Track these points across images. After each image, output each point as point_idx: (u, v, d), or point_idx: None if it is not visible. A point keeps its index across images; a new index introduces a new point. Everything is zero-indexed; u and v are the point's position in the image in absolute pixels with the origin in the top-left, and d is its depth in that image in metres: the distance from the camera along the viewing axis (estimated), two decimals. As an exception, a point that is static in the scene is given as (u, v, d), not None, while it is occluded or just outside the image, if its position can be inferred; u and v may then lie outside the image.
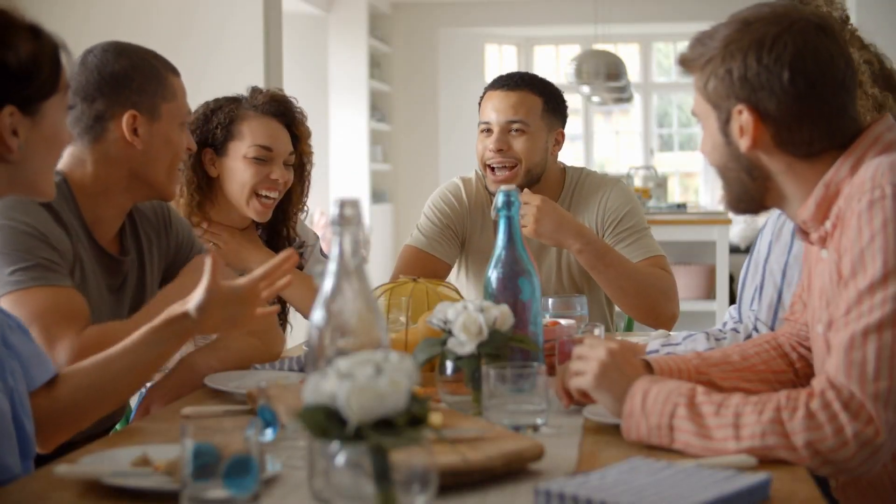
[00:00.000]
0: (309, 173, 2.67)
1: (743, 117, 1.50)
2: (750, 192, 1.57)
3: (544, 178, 2.70)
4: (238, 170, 2.49)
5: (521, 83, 2.68)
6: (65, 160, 1.93)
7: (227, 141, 2.50)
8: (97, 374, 1.61)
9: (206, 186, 2.52)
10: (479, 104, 2.74)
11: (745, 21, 1.51)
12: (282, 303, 2.65)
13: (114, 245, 2.00)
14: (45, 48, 1.44)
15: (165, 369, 2.40)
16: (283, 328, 2.68)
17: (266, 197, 2.51)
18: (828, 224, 1.50)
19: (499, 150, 2.64)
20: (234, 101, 2.54)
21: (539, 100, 2.68)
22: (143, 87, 1.92)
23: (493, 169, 2.67)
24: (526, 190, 2.54)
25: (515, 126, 2.65)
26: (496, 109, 2.66)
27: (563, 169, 2.80)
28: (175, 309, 1.64)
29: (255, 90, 2.57)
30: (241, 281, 1.70)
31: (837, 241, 1.46)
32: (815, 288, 1.59)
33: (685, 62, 1.57)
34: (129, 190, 1.97)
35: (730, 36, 1.51)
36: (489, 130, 2.67)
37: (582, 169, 2.83)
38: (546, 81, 2.74)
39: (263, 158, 2.49)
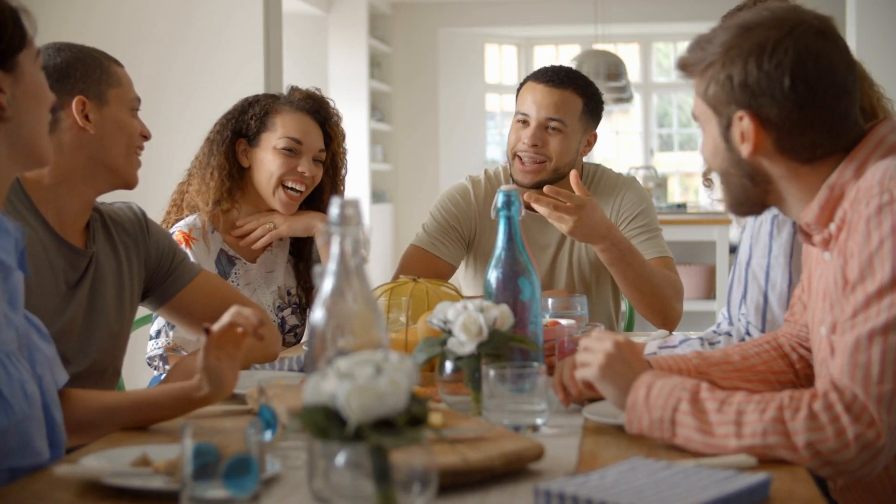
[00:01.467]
0: (343, 178, 2.70)
1: (744, 123, 1.50)
2: (751, 196, 1.57)
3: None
4: (267, 160, 2.55)
5: (567, 81, 2.68)
6: None
7: (261, 132, 2.56)
8: (101, 415, 1.66)
9: (238, 175, 2.58)
10: (519, 90, 2.73)
11: (746, 26, 1.49)
12: (301, 307, 2.65)
13: (79, 240, 1.99)
14: (2, 4, 1.48)
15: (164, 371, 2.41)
16: (303, 326, 2.68)
17: (293, 189, 2.56)
18: (832, 227, 1.49)
19: (533, 146, 2.64)
20: (271, 97, 2.62)
21: (580, 101, 2.68)
22: (87, 75, 1.97)
23: (522, 160, 2.67)
24: (575, 183, 2.47)
25: (553, 124, 2.65)
26: (537, 103, 2.65)
27: (581, 165, 2.81)
28: (192, 393, 1.65)
29: (294, 88, 2.65)
30: (205, 349, 1.66)
31: (843, 244, 1.46)
32: (817, 290, 1.59)
33: (685, 66, 1.57)
34: (91, 179, 1.97)
35: (730, 41, 1.49)
36: (526, 122, 2.67)
37: (598, 166, 2.85)
38: (589, 81, 2.74)
39: (292, 150, 2.54)
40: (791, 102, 1.47)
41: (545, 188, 2.44)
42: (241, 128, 2.57)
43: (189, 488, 1.11)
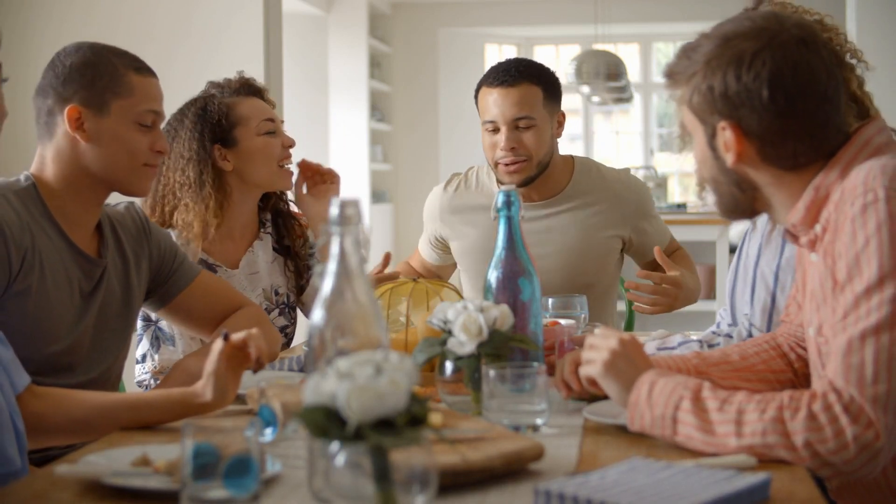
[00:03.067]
0: None
1: (726, 133, 1.51)
2: (740, 203, 1.59)
3: (551, 162, 2.71)
4: (258, 149, 2.49)
5: (520, 75, 2.65)
6: (33, 164, 1.93)
7: (232, 130, 2.48)
8: (96, 415, 1.65)
9: (220, 184, 2.48)
10: (477, 97, 2.72)
11: (725, 36, 1.50)
12: (290, 306, 2.64)
13: (91, 245, 1.97)
14: None
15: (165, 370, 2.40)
16: (294, 326, 2.67)
17: (286, 166, 2.55)
18: (818, 228, 1.51)
19: (511, 149, 2.63)
20: (209, 98, 2.52)
21: (539, 89, 2.66)
22: (93, 82, 1.89)
23: (504, 164, 2.66)
24: (661, 258, 2.49)
25: (522, 122, 2.63)
26: (499, 107, 2.64)
27: (572, 157, 2.82)
28: (193, 399, 1.65)
29: (219, 83, 2.56)
30: (219, 354, 1.67)
31: (829, 245, 1.47)
32: (808, 291, 1.60)
33: (671, 75, 1.58)
34: (93, 188, 1.93)
35: (711, 51, 1.50)
36: (495, 130, 2.66)
37: (587, 159, 2.86)
38: (540, 66, 2.71)
39: (273, 131, 2.52)
40: (771, 113, 1.47)
41: (638, 272, 2.50)
42: (213, 134, 2.47)
43: (189, 488, 1.11)
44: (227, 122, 2.48)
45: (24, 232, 1.82)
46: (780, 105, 1.47)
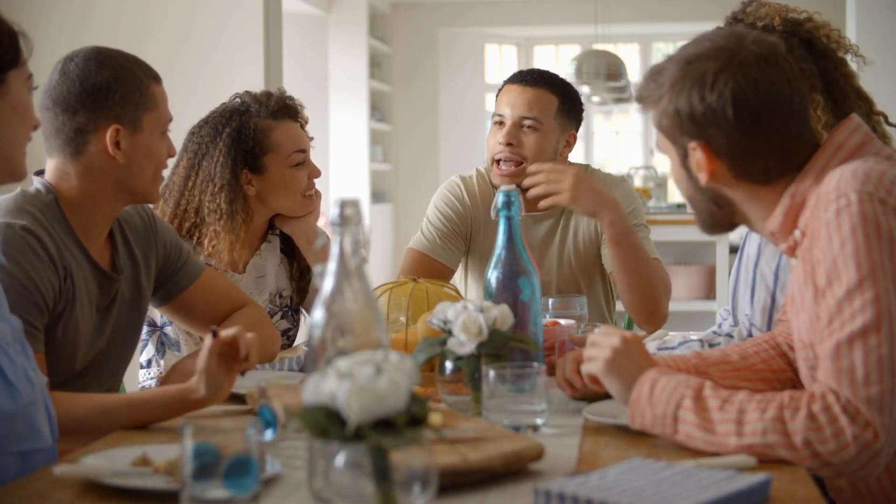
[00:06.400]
0: None
1: (697, 154, 1.53)
2: (718, 219, 1.62)
3: None
4: (286, 181, 2.45)
5: (540, 80, 2.66)
6: (50, 174, 1.89)
7: (261, 157, 2.43)
8: (96, 415, 1.66)
9: (246, 209, 2.43)
10: (496, 97, 2.72)
11: (687, 59, 1.53)
12: (293, 309, 2.64)
13: (105, 260, 1.95)
14: (2, 23, 1.50)
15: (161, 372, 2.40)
16: (297, 329, 2.66)
17: (310, 195, 2.51)
18: (796, 233, 1.53)
19: (508, 145, 2.61)
20: (243, 114, 2.44)
21: (556, 99, 2.65)
22: (126, 99, 1.87)
23: (499, 163, 2.65)
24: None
25: (528, 122, 2.62)
26: (511, 104, 2.64)
27: (569, 164, 2.80)
28: (188, 395, 1.65)
29: (258, 98, 2.48)
30: (209, 351, 1.66)
31: (808, 251, 1.49)
32: (789, 296, 1.62)
33: (641, 99, 1.60)
34: (115, 199, 1.92)
35: (675, 74, 1.53)
36: (501, 123, 2.65)
37: (587, 166, 2.83)
38: (565, 82, 2.72)
39: (302, 162, 2.47)
40: (738, 131, 1.50)
41: (531, 167, 2.48)
42: (244, 158, 2.41)
43: (189, 488, 1.11)
44: (260, 148, 2.42)
45: (62, 254, 1.82)
46: (745, 123, 1.49)
